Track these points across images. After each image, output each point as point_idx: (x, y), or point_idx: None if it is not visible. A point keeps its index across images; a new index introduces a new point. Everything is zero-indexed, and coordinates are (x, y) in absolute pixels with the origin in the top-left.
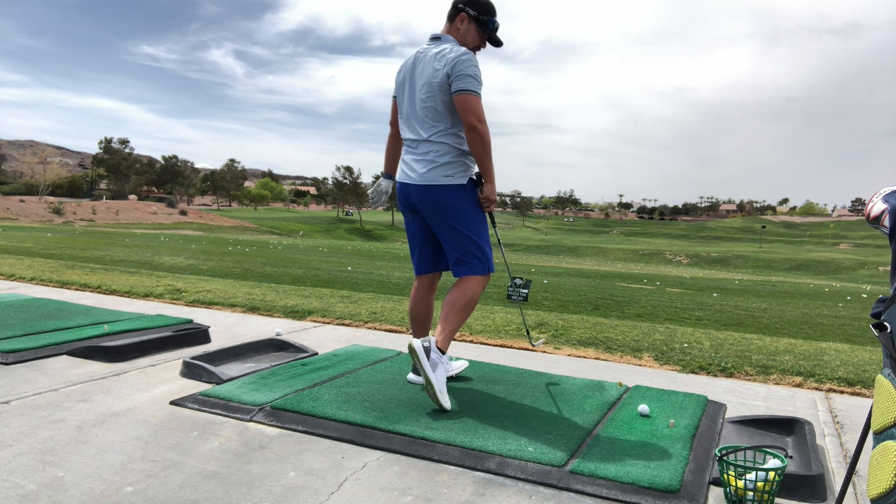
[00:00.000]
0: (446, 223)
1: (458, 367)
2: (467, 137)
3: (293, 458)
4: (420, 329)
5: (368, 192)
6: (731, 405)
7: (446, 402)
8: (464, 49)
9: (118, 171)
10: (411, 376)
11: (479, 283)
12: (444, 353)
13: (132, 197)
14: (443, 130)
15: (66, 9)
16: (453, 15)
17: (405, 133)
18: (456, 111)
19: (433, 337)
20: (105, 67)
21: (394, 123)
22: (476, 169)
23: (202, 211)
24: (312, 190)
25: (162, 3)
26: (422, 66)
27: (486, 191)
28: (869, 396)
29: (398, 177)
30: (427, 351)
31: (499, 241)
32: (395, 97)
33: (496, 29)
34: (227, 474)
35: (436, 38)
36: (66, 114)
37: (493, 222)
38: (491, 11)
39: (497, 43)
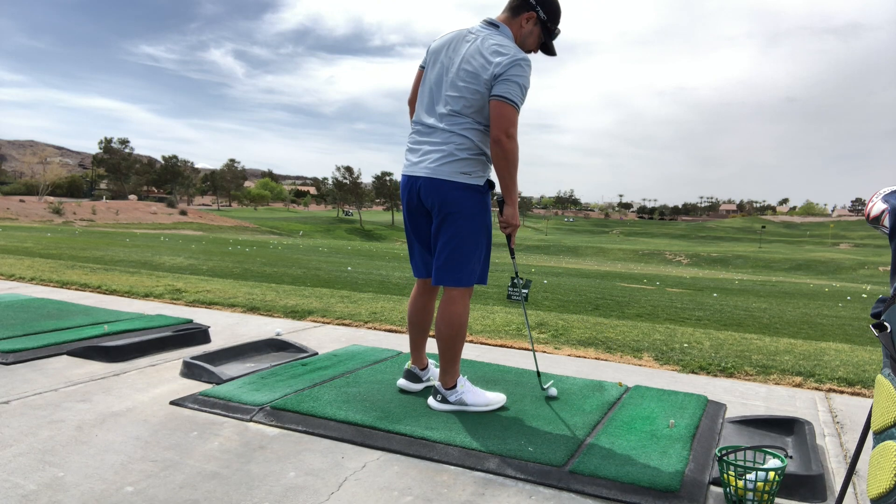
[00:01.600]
0: (450, 223)
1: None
2: (491, 150)
3: (293, 458)
4: (418, 334)
5: None
6: (731, 405)
7: (498, 400)
8: (525, 55)
9: (118, 171)
10: (402, 382)
11: (464, 305)
12: (455, 385)
13: (132, 197)
14: (469, 124)
15: (65, 9)
16: (520, 9)
17: (421, 115)
18: (487, 111)
19: (437, 382)
20: (105, 67)
21: (413, 102)
22: (490, 169)
23: (202, 211)
24: (312, 190)
25: (161, 3)
26: (471, 50)
27: (506, 214)
28: (869, 396)
29: (404, 168)
30: (444, 399)
31: (516, 273)
32: (422, 67)
33: (555, 38)
34: (227, 474)
35: (493, 25)
36: (66, 114)
37: (511, 252)
38: (559, 20)
39: (552, 52)
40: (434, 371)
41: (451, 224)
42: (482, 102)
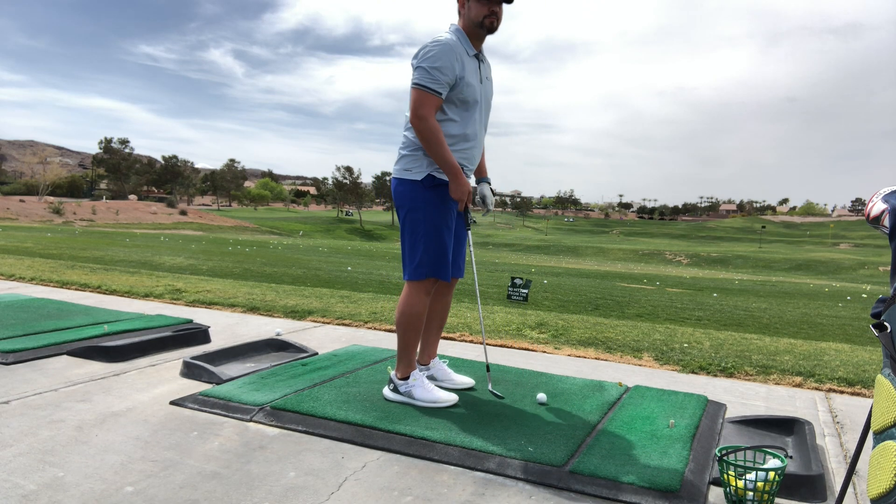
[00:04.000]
0: (400, 217)
1: (463, 381)
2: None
3: (293, 458)
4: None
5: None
6: (731, 405)
7: (448, 400)
8: (434, 38)
9: (118, 171)
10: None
11: (413, 295)
12: (407, 377)
13: (132, 197)
14: (406, 122)
15: (64, 8)
16: (458, 4)
17: None
18: None
19: (392, 372)
20: (104, 67)
21: None
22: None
23: (202, 211)
24: (312, 190)
25: (160, 3)
26: None
27: (449, 191)
28: (869, 396)
29: None
30: (395, 389)
31: (470, 250)
32: None
33: None
34: (227, 474)
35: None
36: (66, 114)
37: (466, 223)
38: None
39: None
40: (439, 370)
41: (400, 218)
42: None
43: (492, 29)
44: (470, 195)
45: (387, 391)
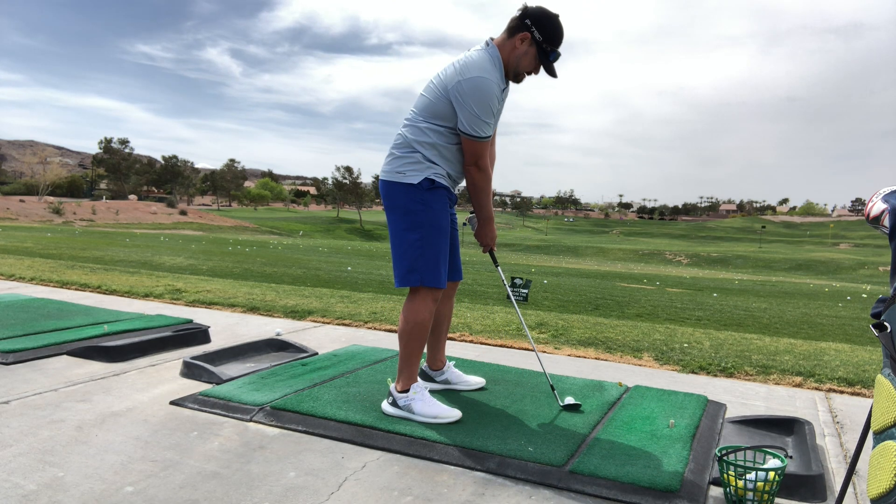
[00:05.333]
0: (391, 223)
1: (477, 382)
2: (465, 175)
3: (293, 458)
4: (430, 334)
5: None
6: (731, 405)
7: (450, 416)
8: (477, 74)
9: (118, 171)
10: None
11: (422, 303)
12: (407, 390)
13: (132, 197)
14: (411, 120)
15: (59, 6)
16: (515, 29)
17: None
18: (437, 112)
19: (392, 385)
20: (101, 66)
21: None
22: (437, 169)
23: (202, 211)
24: (312, 190)
25: (156, 1)
26: (451, 63)
27: (476, 234)
28: (869, 396)
29: None
30: (394, 402)
31: (503, 282)
32: None
33: (556, 59)
34: (227, 474)
35: (486, 44)
36: (64, 113)
37: (494, 261)
38: (557, 42)
39: (553, 74)
40: (452, 374)
41: (389, 221)
42: (437, 105)
43: (520, 81)
44: (495, 240)
45: (385, 405)
